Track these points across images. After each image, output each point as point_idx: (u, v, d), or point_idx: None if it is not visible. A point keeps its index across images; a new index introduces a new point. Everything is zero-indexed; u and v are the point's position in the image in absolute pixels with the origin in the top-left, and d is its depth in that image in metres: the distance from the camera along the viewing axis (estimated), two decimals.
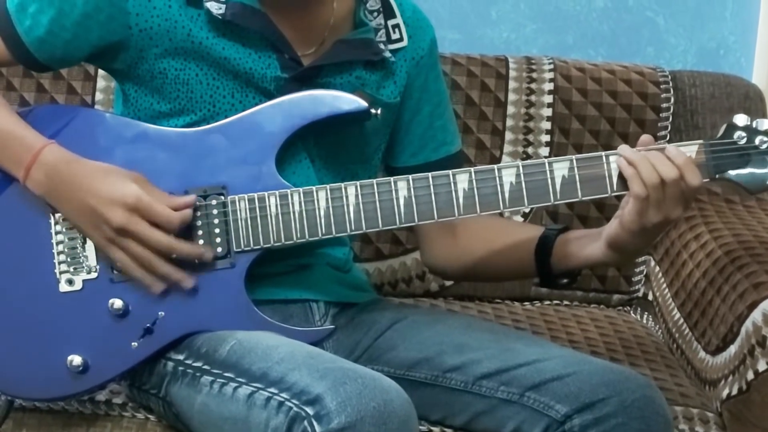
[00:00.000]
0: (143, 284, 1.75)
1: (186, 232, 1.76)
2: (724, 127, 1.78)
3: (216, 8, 1.79)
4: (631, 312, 2.52)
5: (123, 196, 1.72)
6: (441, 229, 1.97)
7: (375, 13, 1.89)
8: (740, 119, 1.77)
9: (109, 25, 1.79)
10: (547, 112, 2.50)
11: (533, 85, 2.51)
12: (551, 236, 1.88)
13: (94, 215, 1.73)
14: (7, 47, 1.82)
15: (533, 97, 2.51)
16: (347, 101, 1.79)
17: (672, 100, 2.53)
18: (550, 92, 2.51)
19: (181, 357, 1.77)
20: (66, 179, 1.75)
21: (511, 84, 2.51)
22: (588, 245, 1.84)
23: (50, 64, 1.86)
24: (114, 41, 1.81)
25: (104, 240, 1.74)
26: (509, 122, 2.50)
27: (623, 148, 1.75)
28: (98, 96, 2.45)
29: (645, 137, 1.77)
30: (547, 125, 2.50)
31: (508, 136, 2.50)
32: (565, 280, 1.90)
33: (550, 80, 2.52)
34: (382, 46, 1.89)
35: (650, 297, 2.48)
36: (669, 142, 2.46)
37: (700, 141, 1.76)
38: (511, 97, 2.51)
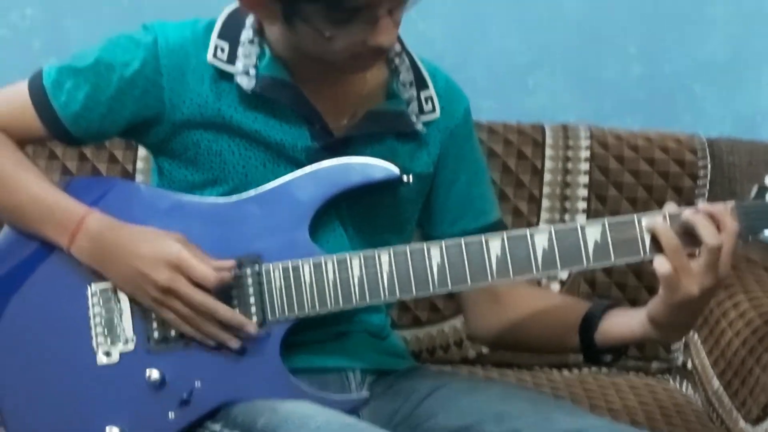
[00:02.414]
0: (196, 339, 1.75)
1: (222, 301, 1.76)
2: (755, 188, 1.77)
3: (246, 83, 1.80)
4: (671, 380, 2.50)
5: (166, 253, 1.73)
6: (485, 297, 1.96)
7: (408, 85, 1.90)
8: None
9: (144, 101, 1.82)
10: (584, 179, 2.51)
11: (570, 153, 2.52)
12: (597, 312, 1.86)
13: (140, 277, 1.74)
14: (42, 122, 1.84)
15: (570, 165, 2.51)
16: (379, 169, 1.80)
17: (709, 167, 2.53)
18: (586, 159, 2.52)
19: (217, 427, 1.76)
20: (111, 244, 1.77)
21: (548, 151, 2.52)
22: (631, 322, 1.81)
23: (85, 138, 1.88)
24: (148, 116, 1.83)
25: (153, 302, 1.75)
26: (546, 189, 2.50)
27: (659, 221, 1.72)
28: (139, 165, 2.47)
29: (670, 205, 1.75)
30: (583, 192, 2.50)
31: (545, 203, 2.50)
32: (609, 357, 1.87)
33: (587, 147, 2.52)
34: (413, 118, 1.89)
35: (689, 365, 2.46)
36: None
37: (733, 202, 1.74)
38: (548, 164, 2.51)
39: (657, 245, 1.71)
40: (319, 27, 1.70)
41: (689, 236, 1.70)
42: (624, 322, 1.83)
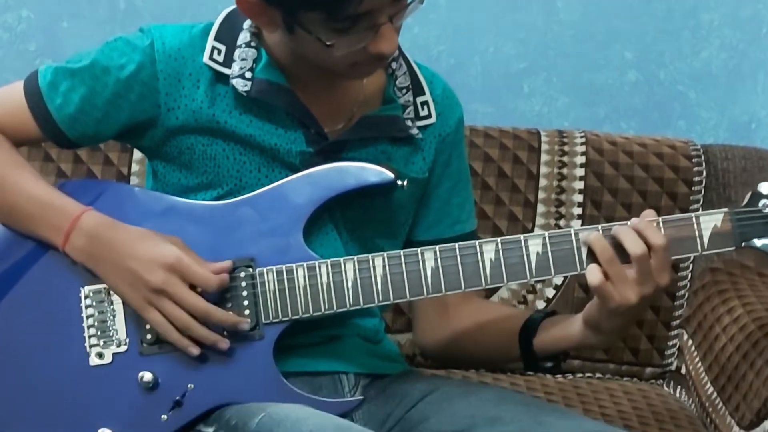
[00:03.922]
0: (178, 347, 1.75)
1: (215, 304, 1.75)
2: (749, 195, 1.78)
3: (242, 85, 1.80)
4: (664, 385, 2.50)
5: (162, 256, 1.73)
6: (434, 308, 1.97)
7: (404, 90, 1.90)
8: (765, 187, 1.77)
9: (140, 105, 1.82)
10: (579, 185, 2.51)
11: (565, 158, 2.52)
12: (536, 319, 1.89)
13: (133, 276, 1.74)
14: (37, 124, 1.83)
15: (565, 170, 2.51)
16: (374, 173, 1.80)
17: (704, 173, 2.52)
18: (582, 165, 2.51)
19: (210, 430, 1.76)
20: (106, 243, 1.76)
21: (543, 157, 2.52)
22: (569, 328, 1.84)
23: (80, 141, 1.87)
24: (144, 120, 1.83)
25: (141, 301, 1.74)
26: (541, 195, 2.50)
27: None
28: (134, 168, 2.47)
29: (648, 212, 1.77)
30: (579, 198, 2.50)
31: (540, 208, 2.50)
32: (549, 364, 1.90)
33: (582, 153, 2.52)
34: (409, 123, 1.89)
35: (683, 370, 2.46)
36: None
37: (725, 210, 1.76)
38: (543, 169, 2.51)
39: (593, 258, 1.73)
40: (320, 35, 1.70)
41: (621, 250, 1.72)
42: (562, 329, 1.85)
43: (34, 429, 1.79)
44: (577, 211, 2.49)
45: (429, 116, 1.93)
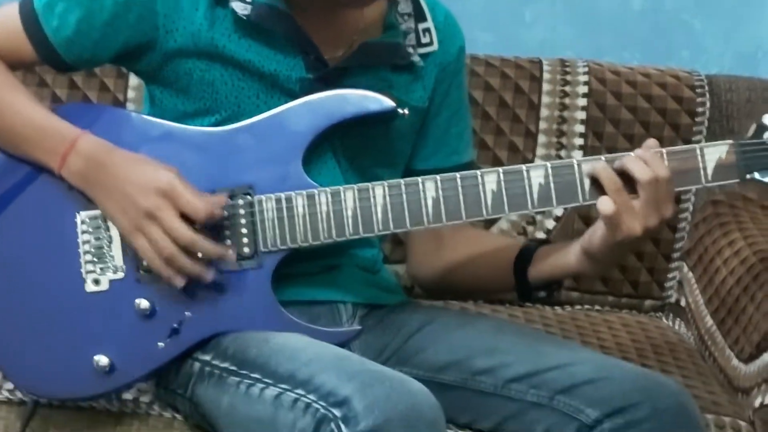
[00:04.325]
0: (162, 276, 1.73)
1: (213, 232, 1.74)
2: (753, 127, 1.76)
3: (241, 9, 1.78)
4: (663, 318, 2.50)
5: (157, 180, 1.71)
6: (429, 239, 1.97)
7: (406, 17, 1.88)
8: None
9: (138, 26, 1.79)
10: (581, 115, 2.49)
11: (567, 88, 2.50)
12: (531, 248, 1.88)
13: (126, 200, 1.72)
14: (33, 47, 1.81)
15: (567, 100, 2.49)
16: (375, 101, 1.78)
17: (707, 104, 2.50)
18: (584, 95, 2.49)
19: (207, 357, 1.76)
20: (102, 166, 1.75)
21: (545, 86, 2.50)
22: (564, 257, 1.83)
23: (77, 64, 1.85)
24: (141, 42, 1.80)
25: (130, 226, 1.73)
26: (542, 125, 2.48)
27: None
28: (130, 94, 2.45)
29: (650, 141, 1.75)
30: (580, 128, 2.48)
31: (541, 139, 2.48)
32: (542, 294, 1.89)
33: (585, 83, 2.50)
34: (410, 50, 1.87)
35: (683, 303, 2.46)
36: None
37: (730, 141, 1.75)
38: (545, 99, 2.49)
39: (598, 189, 1.72)
40: None
41: (626, 180, 1.71)
42: (557, 258, 1.85)
43: (30, 355, 1.79)
44: (579, 141, 2.48)
45: (431, 43, 1.91)
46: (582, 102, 2.49)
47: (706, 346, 2.29)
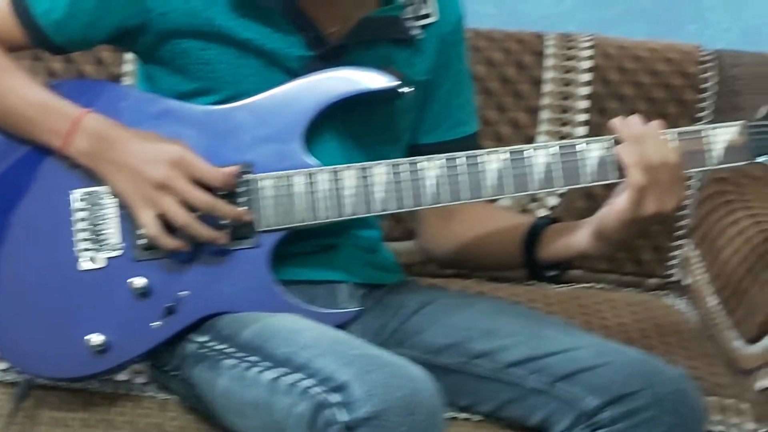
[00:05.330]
0: (167, 248, 1.72)
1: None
2: (765, 108, 1.75)
3: None
4: (667, 297, 2.48)
5: (167, 152, 1.71)
6: (438, 216, 1.95)
7: None
8: None
9: (129, 9, 1.77)
10: (585, 90, 2.47)
11: (571, 63, 2.48)
12: (540, 225, 1.87)
13: (135, 173, 1.71)
14: (23, 31, 1.79)
15: (570, 75, 2.47)
16: (377, 79, 1.77)
17: (714, 80, 2.48)
18: (588, 70, 2.47)
19: (203, 339, 1.75)
20: (110, 143, 1.73)
21: (548, 61, 2.48)
22: (574, 235, 1.82)
23: (68, 47, 1.84)
24: (133, 24, 1.78)
25: (140, 200, 1.72)
26: (545, 101, 2.46)
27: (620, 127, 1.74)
28: (126, 67, 2.42)
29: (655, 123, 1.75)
30: (584, 104, 2.46)
31: (544, 115, 2.46)
32: (552, 273, 1.88)
33: (589, 58, 2.48)
34: (410, 22, 1.85)
35: (687, 281, 2.45)
36: (710, 122, 2.42)
37: (741, 122, 1.73)
38: (548, 75, 2.47)
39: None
40: None
41: None
42: (567, 238, 1.84)
43: (24, 333, 1.78)
44: (583, 117, 2.46)
45: (430, 14, 1.88)
46: (586, 77, 2.47)
47: (710, 326, 2.28)
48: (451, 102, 1.96)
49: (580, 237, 1.81)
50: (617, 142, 1.73)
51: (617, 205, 1.72)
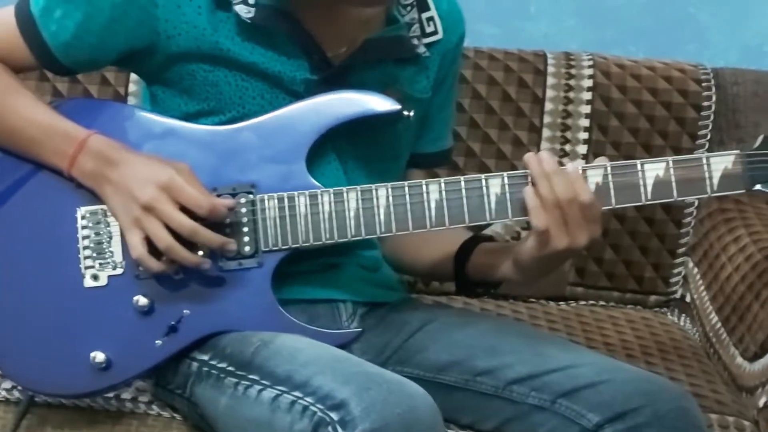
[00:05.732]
0: (152, 271, 1.72)
1: (214, 230, 1.72)
2: (761, 138, 1.74)
3: (245, 12, 1.76)
4: (668, 314, 2.49)
5: (157, 174, 1.70)
6: None
7: (408, 8, 1.86)
8: None
9: (137, 31, 1.77)
10: (586, 109, 2.47)
11: (572, 82, 2.48)
12: (472, 244, 1.88)
13: (126, 194, 1.71)
14: (31, 52, 1.79)
15: (572, 94, 2.47)
16: (380, 102, 1.77)
17: (713, 98, 2.49)
18: (589, 89, 2.48)
19: (205, 357, 1.75)
20: (113, 164, 1.73)
21: (550, 80, 2.48)
22: (499, 259, 1.83)
23: (75, 67, 1.84)
24: (142, 47, 1.78)
25: (129, 222, 1.71)
26: (547, 119, 2.47)
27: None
28: (131, 87, 2.43)
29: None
30: (585, 122, 2.47)
31: (546, 133, 2.47)
32: (480, 290, 1.90)
33: (590, 77, 2.48)
34: (415, 41, 1.86)
35: (688, 299, 2.45)
36: (709, 140, 2.46)
37: (737, 152, 1.73)
38: (549, 93, 2.47)
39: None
40: None
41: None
42: (492, 260, 1.84)
43: (27, 350, 1.78)
44: (584, 135, 2.46)
45: (436, 32, 1.89)
46: (587, 96, 2.47)
47: (711, 344, 2.28)
48: (437, 116, 1.97)
49: (502, 262, 1.81)
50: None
51: (527, 242, 1.73)
